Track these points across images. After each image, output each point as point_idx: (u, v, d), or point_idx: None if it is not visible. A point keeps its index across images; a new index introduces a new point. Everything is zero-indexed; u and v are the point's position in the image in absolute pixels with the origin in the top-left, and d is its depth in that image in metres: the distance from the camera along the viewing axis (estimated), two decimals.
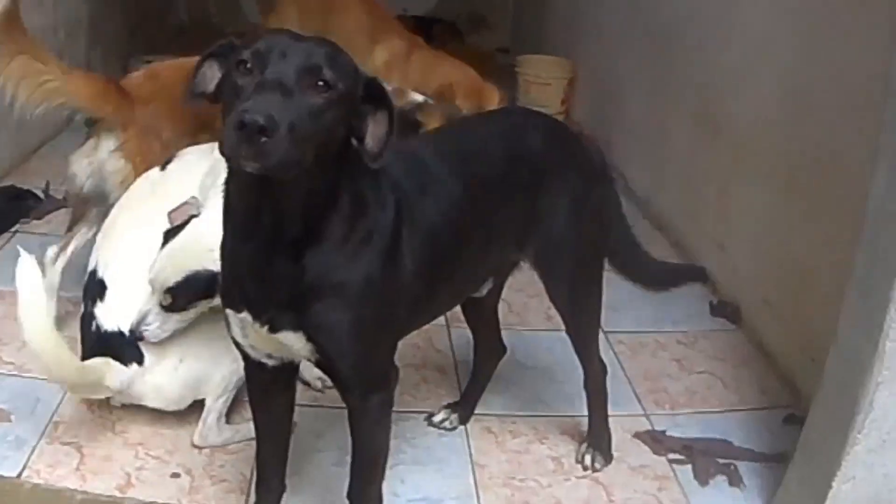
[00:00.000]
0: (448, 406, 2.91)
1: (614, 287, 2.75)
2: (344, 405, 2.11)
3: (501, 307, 2.87)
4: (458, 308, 2.69)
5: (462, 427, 2.90)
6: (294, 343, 1.98)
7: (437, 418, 2.88)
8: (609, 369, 2.77)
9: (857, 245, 2.36)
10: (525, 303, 3.54)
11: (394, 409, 2.86)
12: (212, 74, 1.85)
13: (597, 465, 2.77)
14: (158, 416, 2.73)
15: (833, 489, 2.39)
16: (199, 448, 2.68)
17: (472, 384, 2.92)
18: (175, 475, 2.58)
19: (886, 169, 2.24)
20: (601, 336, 2.78)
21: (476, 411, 2.93)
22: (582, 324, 2.63)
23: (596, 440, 2.80)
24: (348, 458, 2.21)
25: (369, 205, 1.93)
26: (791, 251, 3.36)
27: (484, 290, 2.57)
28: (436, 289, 2.18)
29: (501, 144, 2.34)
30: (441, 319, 3.19)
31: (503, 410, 3.00)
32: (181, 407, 2.71)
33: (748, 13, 3.75)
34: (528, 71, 6.09)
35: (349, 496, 2.21)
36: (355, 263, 1.92)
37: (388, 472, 2.60)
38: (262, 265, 1.87)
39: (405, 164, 2.05)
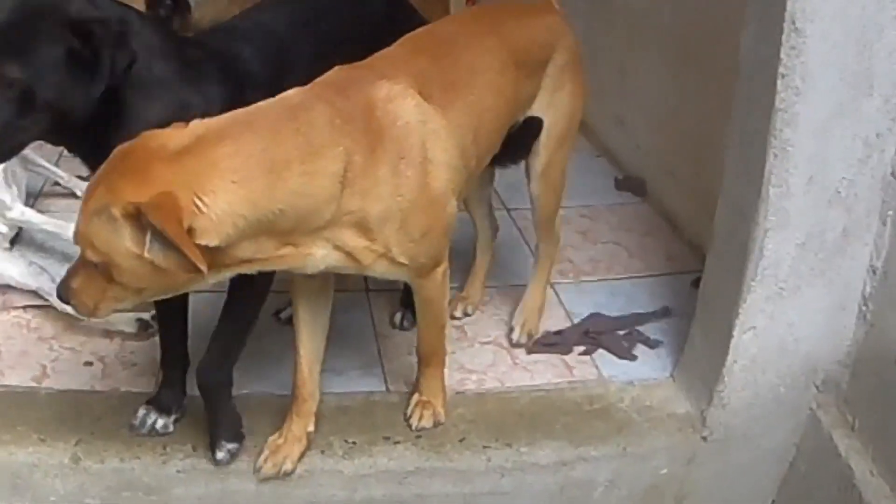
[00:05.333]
0: None
1: (518, 167, 2.71)
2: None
3: None
4: None
5: (367, 302, 2.95)
6: None
7: None
8: (514, 244, 2.82)
9: (735, 93, 2.43)
10: None
11: None
12: None
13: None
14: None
15: (734, 339, 2.43)
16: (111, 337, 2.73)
17: None
18: (88, 363, 2.63)
19: (755, 18, 2.30)
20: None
21: (379, 287, 2.96)
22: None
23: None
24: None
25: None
26: (688, 121, 3.44)
27: None
28: None
29: (345, 8, 2.38)
30: None
31: None
32: None
33: None
34: None
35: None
36: None
37: None
38: None
39: (256, 38, 2.08)
